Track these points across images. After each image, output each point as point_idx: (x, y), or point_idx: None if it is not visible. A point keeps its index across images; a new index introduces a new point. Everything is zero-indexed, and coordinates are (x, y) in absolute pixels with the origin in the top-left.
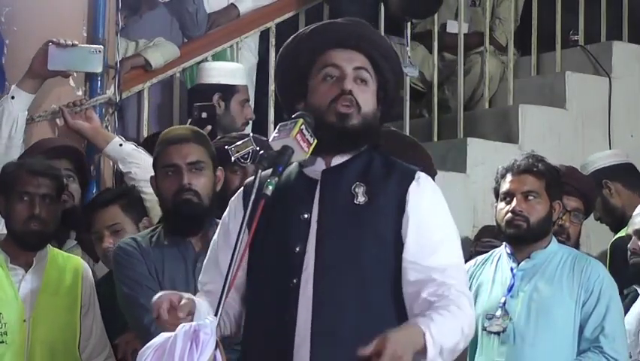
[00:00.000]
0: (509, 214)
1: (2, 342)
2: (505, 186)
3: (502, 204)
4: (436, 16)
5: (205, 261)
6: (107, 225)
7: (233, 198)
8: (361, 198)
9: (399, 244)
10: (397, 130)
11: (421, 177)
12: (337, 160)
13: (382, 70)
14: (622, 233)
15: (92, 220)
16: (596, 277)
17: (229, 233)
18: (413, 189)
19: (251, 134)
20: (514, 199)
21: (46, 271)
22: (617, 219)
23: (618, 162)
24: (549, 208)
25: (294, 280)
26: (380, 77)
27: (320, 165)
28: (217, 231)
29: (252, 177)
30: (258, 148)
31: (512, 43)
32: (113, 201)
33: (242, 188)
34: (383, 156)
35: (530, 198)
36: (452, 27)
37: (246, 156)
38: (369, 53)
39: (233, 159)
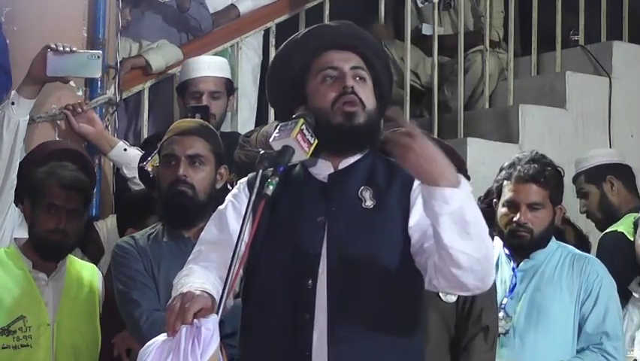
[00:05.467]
0: (513, 224)
1: (27, 345)
2: (508, 193)
3: (504, 209)
4: (436, 17)
5: (206, 231)
6: None
7: (240, 187)
8: (369, 202)
9: (407, 242)
10: (433, 136)
11: None
12: (344, 163)
13: (375, 67)
14: (612, 228)
15: None
16: (595, 277)
17: (239, 212)
18: (417, 186)
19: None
20: (519, 211)
21: (67, 277)
22: (609, 216)
23: (622, 162)
24: (552, 215)
25: (309, 282)
26: (374, 75)
27: (326, 167)
28: (226, 204)
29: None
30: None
31: (512, 42)
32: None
33: (245, 179)
34: (383, 159)
35: (535, 208)
36: (427, 30)
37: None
38: (362, 51)
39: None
